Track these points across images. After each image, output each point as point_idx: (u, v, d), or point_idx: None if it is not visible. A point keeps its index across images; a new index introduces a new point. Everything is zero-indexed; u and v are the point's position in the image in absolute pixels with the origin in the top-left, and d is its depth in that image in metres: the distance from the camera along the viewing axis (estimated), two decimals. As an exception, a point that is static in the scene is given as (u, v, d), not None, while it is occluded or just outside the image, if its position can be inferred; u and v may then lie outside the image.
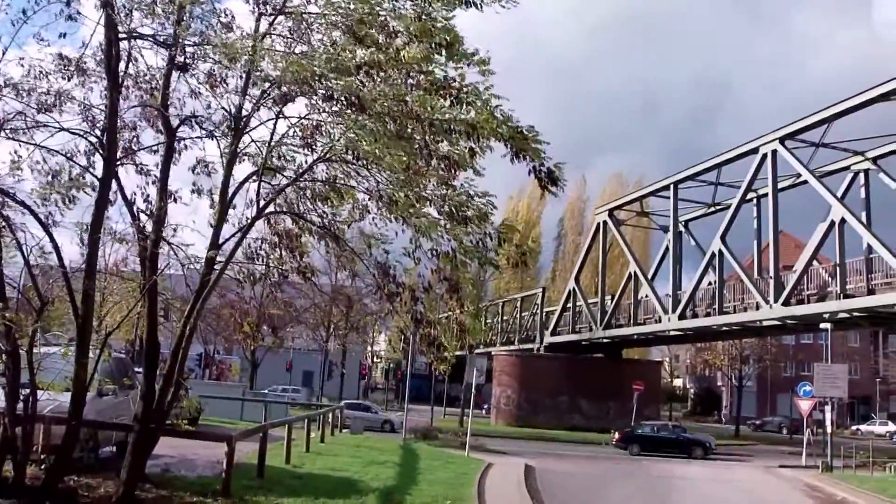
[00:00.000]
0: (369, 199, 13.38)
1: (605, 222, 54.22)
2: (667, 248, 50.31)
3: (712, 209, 49.72)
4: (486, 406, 68.81)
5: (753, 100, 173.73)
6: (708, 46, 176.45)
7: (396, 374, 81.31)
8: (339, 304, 50.65)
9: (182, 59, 12.48)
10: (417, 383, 63.81)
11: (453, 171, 12.38)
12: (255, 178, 13.14)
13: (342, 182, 13.56)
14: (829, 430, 35.33)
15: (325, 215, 14.08)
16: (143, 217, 13.21)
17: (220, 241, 13.06)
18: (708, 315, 43.51)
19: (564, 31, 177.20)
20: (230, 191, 13.13)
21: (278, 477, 16.62)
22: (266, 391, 49.92)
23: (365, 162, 12.29)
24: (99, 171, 12.54)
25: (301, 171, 13.24)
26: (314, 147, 12.89)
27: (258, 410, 34.66)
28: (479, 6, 11.91)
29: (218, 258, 12.89)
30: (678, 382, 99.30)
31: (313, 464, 20.14)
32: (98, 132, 12.66)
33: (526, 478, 23.40)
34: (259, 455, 16.75)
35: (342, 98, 11.46)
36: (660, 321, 46.90)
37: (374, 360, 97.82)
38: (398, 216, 12.64)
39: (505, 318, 71.61)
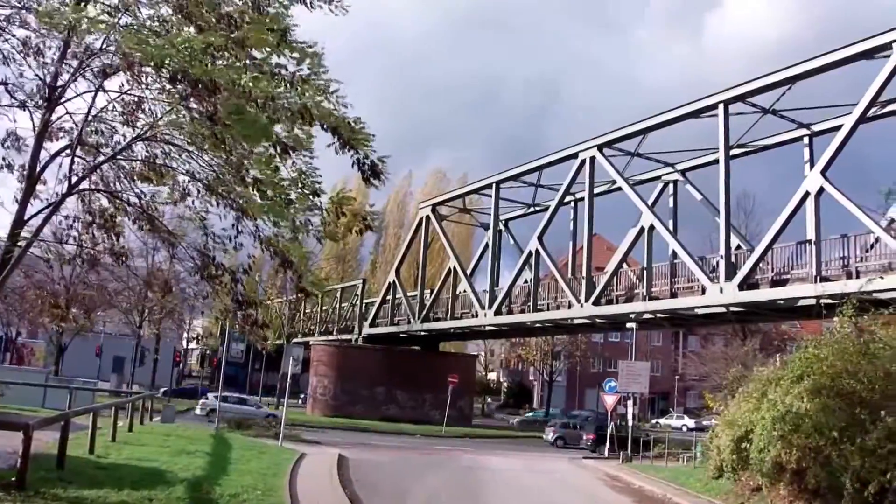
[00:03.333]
0: (190, 182, 13.00)
1: (427, 217, 54.79)
2: (486, 245, 51.44)
3: (532, 210, 51.27)
4: (302, 396, 68.29)
5: (587, 104, 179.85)
6: (550, 48, 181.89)
7: (212, 362, 79.32)
8: (154, 288, 48.83)
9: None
10: (234, 371, 62.72)
11: (282, 156, 12.19)
12: (68, 152, 12.49)
13: (163, 162, 13.11)
14: (630, 423, 37.23)
15: (142, 195, 13.57)
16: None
17: (27, 217, 12.34)
18: (523, 312, 44.77)
19: (410, 23, 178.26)
20: (40, 164, 12.42)
21: (80, 468, 15.88)
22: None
23: (190, 141, 11.93)
24: None
25: (119, 148, 12.69)
26: (135, 124, 12.40)
27: (63, 398, 32.92)
28: (308, 5, 11.80)
29: (23, 235, 12.17)
30: (492, 376, 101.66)
31: (119, 454, 19.40)
32: None
33: (339, 468, 23.38)
34: (60, 445, 15.91)
35: (185, 79, 11.02)
36: (476, 316, 47.87)
37: (190, 346, 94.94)
38: (222, 199, 12.35)
39: (325, 308, 71.22)
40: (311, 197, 12.26)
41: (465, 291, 50.79)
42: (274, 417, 42.22)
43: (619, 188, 38.90)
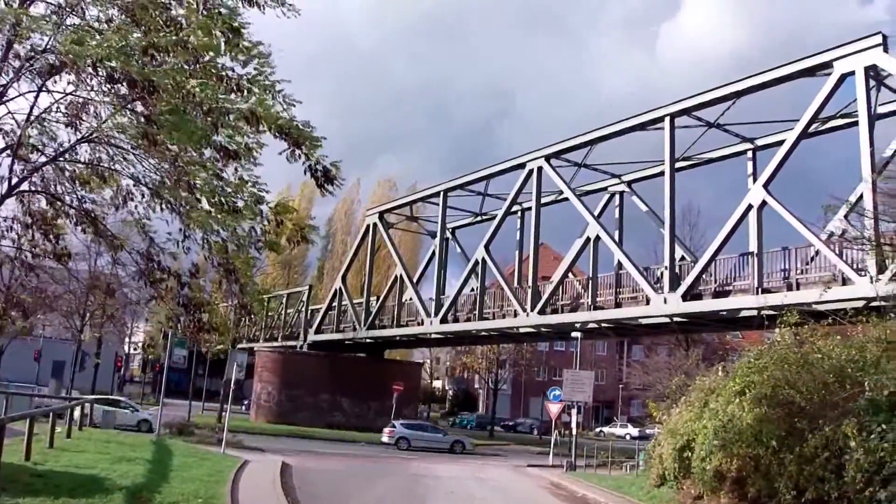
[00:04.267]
0: (134, 186, 12.81)
1: (374, 224, 54.66)
2: (433, 254, 51.48)
3: (479, 219, 51.48)
4: (246, 402, 67.53)
5: (540, 112, 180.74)
6: (505, 56, 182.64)
7: (154, 367, 78.09)
8: (96, 292, 47.89)
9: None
10: (176, 377, 61.75)
11: (227, 161, 12.07)
12: (8, 153, 12.22)
13: (106, 166, 12.89)
14: (574, 431, 37.47)
15: (84, 199, 13.32)
16: None
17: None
18: (469, 320, 44.89)
19: (362, 30, 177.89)
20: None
21: (16, 475, 15.45)
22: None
23: (135, 145, 11.76)
24: None
25: (62, 150, 12.46)
26: (79, 126, 12.18)
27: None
28: (261, 7, 11.73)
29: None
30: (438, 384, 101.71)
31: (57, 461, 18.93)
32: None
33: (282, 476, 23.16)
34: (-7, 452, 15.52)
35: (124, 80, 10.86)
36: (422, 324, 47.86)
37: (133, 351, 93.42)
38: (166, 205, 12.18)
39: (270, 313, 70.64)
40: (254, 205, 12.16)
41: (411, 299, 50.77)
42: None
43: (566, 198, 39.20)
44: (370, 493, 23.25)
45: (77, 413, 29.06)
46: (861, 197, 24.92)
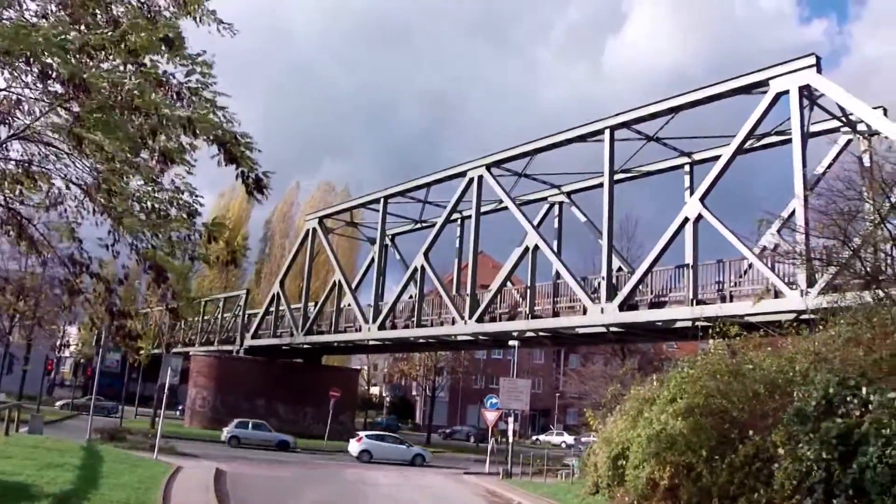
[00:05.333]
0: (66, 188, 12.54)
1: (314, 229, 54.34)
2: (372, 260, 51.34)
3: (419, 226, 51.48)
4: (180, 407, 66.49)
5: (484, 121, 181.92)
6: (449, 65, 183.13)
7: (86, 372, 76.40)
8: (25, 294, 46.76)
9: None
10: (109, 381, 60.56)
11: (163, 167, 11.88)
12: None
13: (38, 166, 12.59)
14: (510, 439, 37.63)
15: (11, 200, 12.99)
16: None
17: None
18: (407, 327, 44.85)
19: (307, 34, 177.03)
20: None
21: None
22: None
23: (72, 146, 11.49)
24: None
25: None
26: (10, 123, 11.87)
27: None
28: (197, 20, 11.59)
29: None
30: (375, 390, 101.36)
31: (-20, 467, 18.46)
32: None
33: (216, 482, 22.84)
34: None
35: (61, 78, 10.60)
36: (360, 330, 47.69)
37: (63, 354, 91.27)
38: (99, 208, 11.94)
39: (206, 317, 69.74)
40: (187, 217, 12.01)
41: (349, 305, 50.56)
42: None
43: (506, 207, 39.40)
44: (306, 499, 23.08)
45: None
46: (793, 212, 25.54)
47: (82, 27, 10.94)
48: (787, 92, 27.23)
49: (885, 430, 12.55)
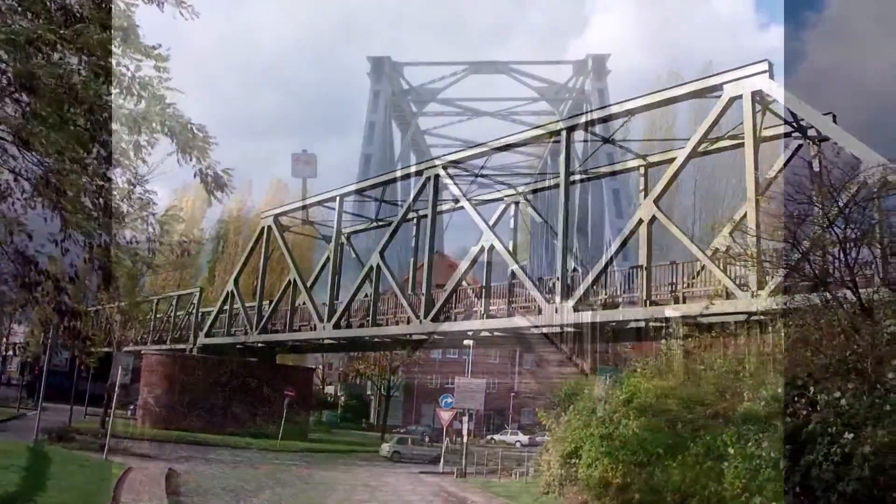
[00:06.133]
0: (14, 181, 12.33)
1: (269, 227, 53.93)
2: (328, 258, 51.09)
3: (375, 224, 51.33)
4: (132, 407, 65.65)
5: (442, 120, 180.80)
6: (409, 61, 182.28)
7: (34, 370, 75.09)
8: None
9: None
10: (58, 380, 59.56)
11: (111, 164, 11.73)
12: None
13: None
14: (465, 439, 37.77)
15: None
16: None
17: None
18: (362, 326, 44.69)
19: (269, 30, 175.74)
20: None
21: None
22: None
23: (18, 141, 11.29)
24: None
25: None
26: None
27: None
28: (160, 5, 11.47)
29: None
30: (330, 389, 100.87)
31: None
32: None
33: (168, 483, 22.63)
34: None
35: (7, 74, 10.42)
36: (315, 329, 47.43)
37: (11, 352, 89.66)
38: (48, 203, 11.76)
39: (159, 315, 68.89)
40: (139, 210, 11.86)
41: (304, 304, 50.23)
42: None
43: (462, 207, 39.46)
44: (260, 499, 22.97)
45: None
46: (745, 215, 25.92)
47: (29, 18, 10.77)
48: (740, 97, 27.62)
49: (831, 429, 12.83)
